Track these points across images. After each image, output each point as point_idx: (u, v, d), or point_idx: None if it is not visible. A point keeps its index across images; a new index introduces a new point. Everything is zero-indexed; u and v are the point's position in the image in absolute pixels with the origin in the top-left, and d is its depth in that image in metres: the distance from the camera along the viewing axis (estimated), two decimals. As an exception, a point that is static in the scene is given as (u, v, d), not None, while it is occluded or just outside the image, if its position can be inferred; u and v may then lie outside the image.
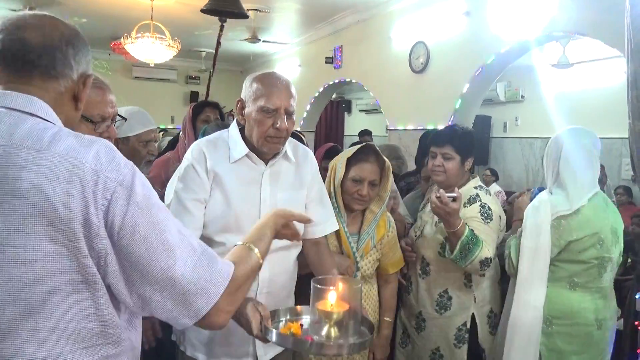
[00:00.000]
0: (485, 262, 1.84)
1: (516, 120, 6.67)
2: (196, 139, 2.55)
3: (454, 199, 1.81)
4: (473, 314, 1.98)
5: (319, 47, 6.13)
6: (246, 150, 1.54)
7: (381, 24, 4.92)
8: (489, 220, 1.92)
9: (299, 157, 1.68)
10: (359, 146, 1.89)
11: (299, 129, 5.84)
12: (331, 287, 1.24)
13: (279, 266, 1.59)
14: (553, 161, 1.88)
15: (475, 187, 2.02)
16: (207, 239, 1.50)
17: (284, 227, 1.22)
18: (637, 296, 2.23)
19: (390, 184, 1.91)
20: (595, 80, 5.57)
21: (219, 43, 4.18)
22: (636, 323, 1.97)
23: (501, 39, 3.56)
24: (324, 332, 1.22)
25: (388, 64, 4.82)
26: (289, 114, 1.53)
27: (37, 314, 0.81)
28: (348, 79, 5.62)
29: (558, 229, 1.80)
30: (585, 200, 1.80)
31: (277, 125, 1.49)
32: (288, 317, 1.36)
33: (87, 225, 0.81)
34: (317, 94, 6.24)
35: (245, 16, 3.78)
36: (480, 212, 1.93)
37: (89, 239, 0.82)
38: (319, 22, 5.81)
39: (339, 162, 1.87)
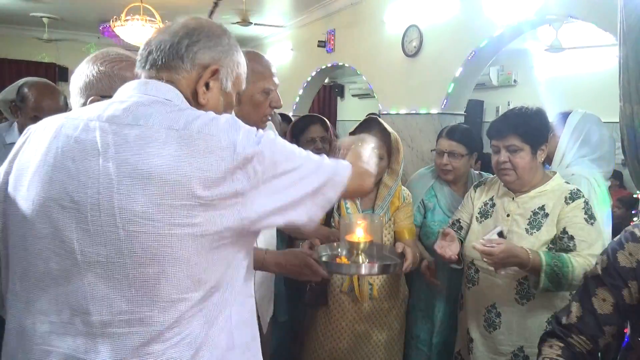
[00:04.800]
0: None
1: (508, 105, 6.66)
2: None
3: (500, 234, 1.62)
4: None
5: (311, 31, 6.07)
6: None
7: (374, 7, 4.87)
8: (593, 221, 1.65)
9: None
10: (362, 120, 1.89)
11: (291, 114, 5.80)
12: (359, 222, 1.50)
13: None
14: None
15: (567, 182, 1.74)
16: None
17: None
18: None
19: (402, 156, 1.88)
20: (587, 65, 5.57)
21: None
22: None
23: (494, 22, 3.54)
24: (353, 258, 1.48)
25: (381, 48, 4.79)
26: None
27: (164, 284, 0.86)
28: (341, 63, 5.58)
29: None
30: None
31: (276, 104, 1.55)
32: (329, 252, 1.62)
33: (226, 191, 0.85)
34: (309, 78, 6.20)
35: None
36: (584, 210, 1.65)
37: (226, 201, 0.86)
38: (311, 4, 5.74)
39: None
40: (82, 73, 1.20)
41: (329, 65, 5.78)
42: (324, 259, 1.54)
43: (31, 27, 7.14)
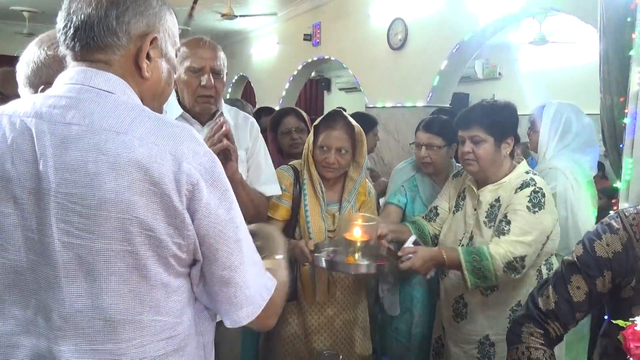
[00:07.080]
0: (513, 263, 1.58)
1: (493, 97, 6.72)
2: (281, 156, 2.47)
3: (416, 243, 1.70)
4: None
5: (297, 24, 6.05)
6: (180, 111, 1.60)
7: (359, 0, 4.87)
8: (536, 209, 1.64)
9: (239, 120, 1.74)
10: (326, 113, 1.90)
11: (277, 107, 5.79)
12: (355, 222, 1.65)
13: None
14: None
15: (527, 172, 1.74)
16: None
17: None
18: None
19: (365, 148, 1.89)
20: (570, 58, 5.64)
21: (190, 16, 4.28)
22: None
23: (478, 15, 3.56)
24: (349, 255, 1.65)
25: (367, 41, 4.79)
26: (216, 73, 1.57)
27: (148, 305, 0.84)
28: (327, 57, 5.58)
29: None
30: None
31: (203, 83, 1.52)
32: (326, 248, 1.76)
33: (171, 214, 0.80)
34: (295, 72, 6.18)
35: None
36: (530, 198, 1.65)
37: (176, 228, 0.81)
38: (296, -2, 5.72)
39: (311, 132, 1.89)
40: (28, 60, 1.07)
41: (315, 58, 5.77)
42: (322, 256, 1.67)
43: (12, 21, 7.01)
